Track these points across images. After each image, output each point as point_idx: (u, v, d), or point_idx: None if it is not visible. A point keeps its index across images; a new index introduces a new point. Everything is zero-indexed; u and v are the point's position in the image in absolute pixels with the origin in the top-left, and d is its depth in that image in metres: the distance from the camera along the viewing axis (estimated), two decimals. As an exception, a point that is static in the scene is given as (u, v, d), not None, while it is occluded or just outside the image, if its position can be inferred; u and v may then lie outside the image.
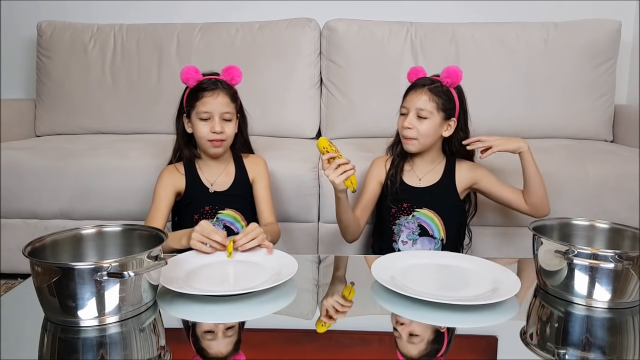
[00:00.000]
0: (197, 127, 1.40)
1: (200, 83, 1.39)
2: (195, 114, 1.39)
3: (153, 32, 2.27)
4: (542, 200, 1.43)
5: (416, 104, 1.38)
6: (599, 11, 2.29)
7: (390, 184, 1.47)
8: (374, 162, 1.55)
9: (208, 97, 1.37)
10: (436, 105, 1.38)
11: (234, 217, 1.46)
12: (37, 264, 0.85)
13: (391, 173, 1.48)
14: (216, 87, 1.38)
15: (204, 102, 1.37)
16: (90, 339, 0.83)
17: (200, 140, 1.41)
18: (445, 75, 1.39)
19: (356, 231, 1.46)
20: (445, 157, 1.50)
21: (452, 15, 2.33)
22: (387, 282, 1.00)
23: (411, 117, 1.39)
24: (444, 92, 1.39)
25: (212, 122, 1.38)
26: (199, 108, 1.38)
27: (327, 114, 2.24)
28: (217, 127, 1.37)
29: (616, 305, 0.94)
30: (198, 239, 1.16)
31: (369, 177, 1.53)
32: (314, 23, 2.23)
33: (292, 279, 1.03)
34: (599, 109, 2.18)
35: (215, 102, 1.37)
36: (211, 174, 1.47)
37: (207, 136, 1.39)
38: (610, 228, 1.09)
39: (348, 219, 1.40)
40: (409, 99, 1.41)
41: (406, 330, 0.89)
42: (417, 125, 1.39)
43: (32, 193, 1.77)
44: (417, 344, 0.85)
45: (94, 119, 2.27)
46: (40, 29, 2.32)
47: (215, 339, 0.86)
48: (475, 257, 1.15)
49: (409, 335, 0.87)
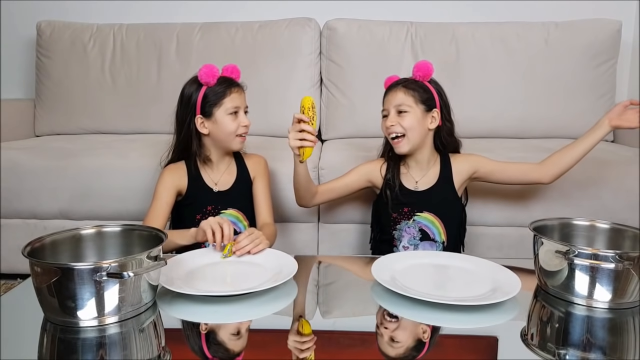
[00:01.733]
0: (225, 123, 1.38)
1: (223, 80, 1.39)
2: (222, 111, 1.38)
3: (153, 32, 2.27)
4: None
5: (393, 101, 1.39)
6: (599, 11, 2.29)
7: (390, 190, 1.45)
8: (368, 161, 1.53)
9: (235, 92, 1.40)
10: (413, 98, 1.38)
11: (237, 216, 1.46)
12: (36, 264, 0.85)
13: (388, 178, 1.46)
14: (238, 84, 1.42)
15: (233, 98, 1.39)
16: (90, 339, 0.83)
17: (228, 136, 1.40)
18: (415, 70, 1.41)
19: (304, 196, 1.46)
20: (439, 155, 1.49)
21: (452, 15, 2.33)
22: (387, 282, 1.00)
23: (392, 115, 1.39)
24: (418, 85, 1.40)
25: (240, 116, 1.40)
26: (228, 104, 1.38)
27: (327, 114, 2.24)
28: (246, 121, 1.41)
29: (617, 306, 0.94)
30: (211, 224, 1.18)
31: (356, 169, 1.51)
32: (314, 23, 2.23)
33: (292, 279, 1.03)
34: (599, 109, 2.17)
35: (241, 97, 1.41)
36: (215, 174, 1.47)
37: (238, 130, 1.40)
38: (611, 228, 1.09)
39: (298, 182, 1.42)
40: (386, 100, 1.42)
41: (389, 330, 0.89)
42: (399, 120, 1.38)
43: (31, 193, 1.77)
44: (397, 347, 0.85)
45: (94, 119, 2.27)
46: (39, 28, 2.32)
47: (218, 340, 0.86)
48: (475, 257, 1.15)
49: (390, 337, 0.87)
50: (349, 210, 1.73)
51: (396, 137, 1.40)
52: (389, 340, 0.86)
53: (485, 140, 2.07)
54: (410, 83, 1.41)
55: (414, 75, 1.42)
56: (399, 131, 1.39)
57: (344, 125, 2.20)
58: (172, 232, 1.31)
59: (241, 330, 0.89)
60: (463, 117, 2.06)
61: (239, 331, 0.89)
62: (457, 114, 1.49)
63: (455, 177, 1.46)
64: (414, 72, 1.42)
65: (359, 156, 1.70)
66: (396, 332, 0.88)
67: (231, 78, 1.42)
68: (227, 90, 1.38)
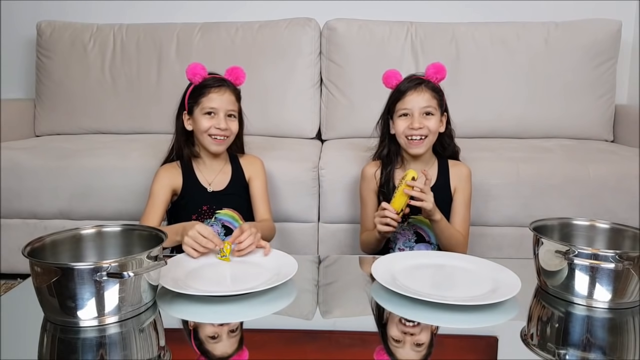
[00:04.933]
0: (199, 122, 1.40)
1: (206, 80, 1.40)
2: (199, 110, 1.39)
3: (153, 32, 2.27)
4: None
5: (420, 102, 1.36)
6: (599, 11, 2.29)
7: (383, 196, 1.44)
8: (364, 172, 1.51)
9: (214, 93, 1.39)
10: (437, 101, 1.38)
11: (232, 216, 1.46)
12: (36, 264, 0.85)
13: (382, 183, 1.45)
14: (222, 85, 1.40)
15: (210, 98, 1.38)
16: (90, 339, 0.83)
17: (201, 135, 1.41)
18: (433, 72, 1.39)
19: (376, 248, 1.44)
20: (437, 158, 1.48)
21: (452, 15, 2.33)
22: (387, 282, 1.00)
23: (418, 116, 1.36)
24: (438, 88, 1.40)
25: (217, 118, 1.39)
26: (205, 104, 1.38)
27: (327, 114, 2.24)
28: (222, 124, 1.38)
29: (616, 306, 0.94)
30: (190, 245, 1.13)
31: (365, 190, 1.50)
32: (314, 23, 2.23)
33: (292, 279, 1.03)
34: (599, 108, 2.18)
35: (222, 99, 1.39)
36: (209, 174, 1.47)
37: (209, 130, 1.39)
38: (611, 228, 1.09)
39: (373, 247, 1.43)
40: (409, 99, 1.37)
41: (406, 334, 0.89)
42: (425, 122, 1.37)
43: (31, 193, 1.77)
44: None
45: (94, 119, 2.27)
46: (39, 28, 2.32)
47: (216, 340, 0.86)
48: (475, 257, 1.15)
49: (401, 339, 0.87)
50: (349, 210, 1.74)
51: (420, 138, 1.38)
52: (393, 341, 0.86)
53: (485, 140, 2.07)
54: (432, 85, 1.38)
55: (430, 76, 1.39)
56: (425, 133, 1.37)
57: (343, 125, 2.20)
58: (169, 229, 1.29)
59: (241, 330, 0.89)
60: (463, 117, 2.07)
61: (238, 331, 0.89)
62: (457, 114, 1.49)
63: (452, 183, 1.45)
64: (430, 73, 1.39)
65: (359, 156, 1.70)
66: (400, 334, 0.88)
67: (219, 78, 1.41)
68: (205, 90, 1.39)
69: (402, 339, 0.86)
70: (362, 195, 1.51)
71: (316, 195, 1.77)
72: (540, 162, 1.76)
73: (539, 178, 1.70)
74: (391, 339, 0.86)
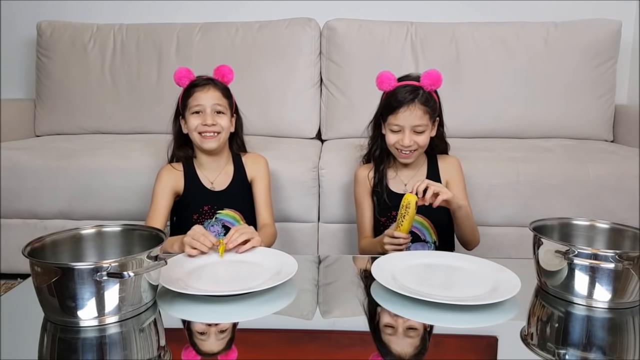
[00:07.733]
0: (189, 122, 1.42)
1: (193, 81, 1.43)
2: (188, 111, 1.42)
3: (153, 32, 2.27)
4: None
5: (411, 121, 1.34)
6: (599, 11, 2.29)
7: (377, 196, 1.44)
8: (357, 176, 1.51)
9: (199, 92, 1.41)
10: (429, 116, 1.36)
11: (233, 216, 1.46)
12: (36, 264, 0.85)
13: (375, 183, 1.45)
14: (207, 84, 1.42)
15: (196, 97, 1.40)
16: (90, 339, 0.83)
17: (192, 134, 1.42)
18: (429, 83, 1.35)
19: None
20: (426, 157, 1.48)
21: (452, 15, 2.33)
22: (387, 282, 1.00)
23: (408, 134, 1.35)
24: (431, 99, 1.37)
25: (204, 115, 1.40)
26: (191, 103, 1.41)
27: (327, 114, 2.24)
28: (208, 120, 1.39)
29: (616, 306, 0.94)
30: (189, 244, 1.13)
31: (360, 193, 1.49)
32: (314, 23, 2.23)
33: (292, 279, 1.03)
34: (599, 108, 2.18)
35: (206, 95, 1.40)
36: (210, 173, 1.47)
37: (198, 128, 1.40)
38: (611, 228, 1.09)
39: (372, 254, 1.40)
40: (401, 116, 1.35)
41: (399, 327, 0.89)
42: (415, 139, 1.36)
43: (31, 193, 1.77)
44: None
45: (94, 119, 2.27)
46: (40, 28, 2.32)
47: (210, 338, 0.86)
48: (475, 257, 1.15)
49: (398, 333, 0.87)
50: (349, 210, 1.73)
51: (410, 152, 1.38)
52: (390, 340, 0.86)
53: (485, 141, 2.08)
54: (424, 97, 1.35)
55: (424, 85, 1.36)
56: (414, 148, 1.38)
57: (343, 125, 2.20)
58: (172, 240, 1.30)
59: (241, 330, 0.89)
60: (463, 117, 2.08)
61: (238, 331, 0.89)
62: (457, 114, 1.49)
63: (442, 178, 1.45)
64: (425, 82, 1.36)
65: (359, 156, 1.70)
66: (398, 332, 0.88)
67: (204, 78, 1.44)
68: (192, 91, 1.41)
69: (396, 339, 0.86)
70: (357, 198, 1.51)
71: (316, 195, 1.77)
72: (540, 162, 1.76)
73: (539, 178, 1.70)
74: (386, 339, 0.86)
